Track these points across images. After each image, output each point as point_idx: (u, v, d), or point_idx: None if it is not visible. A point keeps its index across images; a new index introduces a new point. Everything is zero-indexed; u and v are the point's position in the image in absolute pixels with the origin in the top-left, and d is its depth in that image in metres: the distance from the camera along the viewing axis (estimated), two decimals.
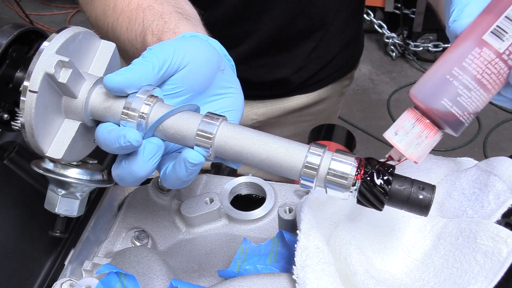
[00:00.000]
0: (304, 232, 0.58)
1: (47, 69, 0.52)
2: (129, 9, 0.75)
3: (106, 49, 0.62)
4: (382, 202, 0.51)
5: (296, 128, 1.26)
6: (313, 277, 0.54)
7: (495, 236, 0.53)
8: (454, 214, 0.61)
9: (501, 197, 0.57)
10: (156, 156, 0.55)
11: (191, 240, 0.74)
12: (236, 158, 0.55)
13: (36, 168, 0.62)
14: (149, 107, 0.54)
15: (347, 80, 1.28)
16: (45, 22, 3.37)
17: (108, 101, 0.56)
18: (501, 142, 2.56)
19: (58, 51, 0.54)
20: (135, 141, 0.52)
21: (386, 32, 2.99)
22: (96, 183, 0.64)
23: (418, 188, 0.51)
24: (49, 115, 0.56)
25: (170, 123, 0.54)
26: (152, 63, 0.55)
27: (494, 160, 0.61)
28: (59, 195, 0.64)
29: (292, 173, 0.53)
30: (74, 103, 0.56)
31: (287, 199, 0.78)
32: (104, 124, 0.56)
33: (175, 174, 0.55)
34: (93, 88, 0.56)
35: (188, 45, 0.59)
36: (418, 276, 0.58)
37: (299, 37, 1.10)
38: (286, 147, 0.53)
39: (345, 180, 0.51)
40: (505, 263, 0.51)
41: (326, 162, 0.52)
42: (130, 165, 0.54)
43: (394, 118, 2.65)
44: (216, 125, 0.54)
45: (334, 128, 1.12)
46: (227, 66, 0.65)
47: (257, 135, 0.55)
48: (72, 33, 0.56)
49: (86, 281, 0.62)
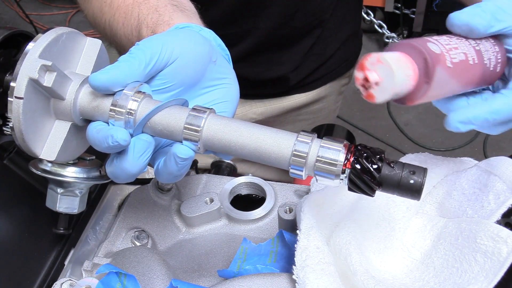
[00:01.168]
0: (304, 232, 0.58)
1: (30, 74, 0.52)
2: (125, 4, 0.76)
3: (92, 47, 0.61)
4: (373, 189, 0.51)
5: (295, 127, 1.26)
6: (313, 277, 0.54)
7: (495, 236, 0.53)
8: (454, 214, 0.61)
9: (501, 197, 0.57)
10: (146, 153, 0.55)
11: (191, 240, 0.74)
12: (225, 150, 0.54)
13: (34, 169, 0.62)
14: (137, 103, 0.54)
15: (345, 78, 1.28)
16: (45, 22, 3.36)
17: (95, 100, 0.55)
18: (501, 142, 2.56)
19: (41, 55, 0.53)
20: (122, 141, 0.52)
21: (386, 32, 2.99)
22: (93, 180, 0.64)
23: (408, 173, 0.50)
24: (39, 118, 0.56)
25: (158, 119, 0.54)
26: (138, 59, 0.55)
27: (494, 160, 0.61)
28: (58, 193, 0.64)
29: (281, 163, 0.53)
30: (62, 105, 0.56)
31: (287, 199, 0.78)
32: (94, 123, 0.56)
33: (166, 169, 0.55)
34: (80, 88, 0.56)
35: (177, 38, 0.59)
36: (418, 276, 0.58)
37: (297, 34, 1.10)
38: (274, 137, 0.53)
39: (334, 167, 0.51)
40: (505, 263, 0.51)
41: (315, 150, 0.51)
42: (121, 163, 0.54)
43: (394, 118, 2.67)
44: (203, 117, 0.53)
45: (334, 128, 1.12)
46: (220, 56, 0.64)
47: (245, 127, 0.54)
48: (54, 35, 0.55)
49: (86, 281, 0.62)
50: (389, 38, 3.01)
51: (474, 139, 2.54)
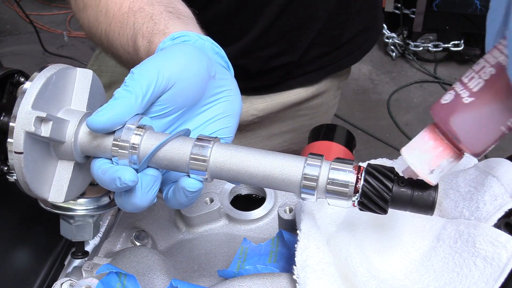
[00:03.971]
0: (304, 232, 0.58)
1: (26, 128, 0.51)
2: (121, 13, 0.74)
3: (83, 78, 0.59)
4: (384, 209, 0.51)
5: (295, 122, 1.27)
6: (314, 277, 0.54)
7: (494, 241, 0.53)
8: (451, 214, 0.61)
9: (498, 199, 0.57)
10: (154, 187, 0.54)
11: (191, 240, 0.75)
12: (234, 179, 0.54)
13: (43, 206, 0.61)
14: (139, 137, 0.53)
15: (345, 74, 1.28)
16: (45, 22, 3.36)
17: (96, 139, 0.54)
18: (501, 142, 2.54)
19: (34, 106, 0.51)
20: (130, 182, 0.51)
21: (386, 32, 2.99)
22: (104, 208, 0.63)
23: (420, 189, 0.50)
24: (41, 164, 0.55)
25: (162, 154, 0.53)
26: (135, 94, 0.53)
27: (493, 161, 0.61)
28: (72, 224, 0.64)
29: (291, 188, 0.52)
30: (63, 147, 0.55)
31: (287, 199, 0.78)
32: (97, 162, 0.54)
33: (176, 200, 0.55)
34: (78, 128, 0.55)
35: (173, 61, 0.56)
36: (418, 278, 0.58)
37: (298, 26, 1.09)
38: (282, 163, 0.52)
39: (346, 188, 0.50)
40: (505, 269, 0.51)
41: (325, 172, 0.51)
42: (130, 198, 0.53)
43: (394, 118, 2.67)
44: (209, 147, 0.53)
45: (334, 128, 1.12)
46: (219, 67, 0.62)
47: (252, 155, 0.53)
48: (44, 79, 0.53)
49: (86, 281, 0.62)
50: (389, 38, 3.02)
51: None
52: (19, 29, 3.32)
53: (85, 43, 3.07)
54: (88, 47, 3.01)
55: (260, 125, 1.22)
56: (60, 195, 0.57)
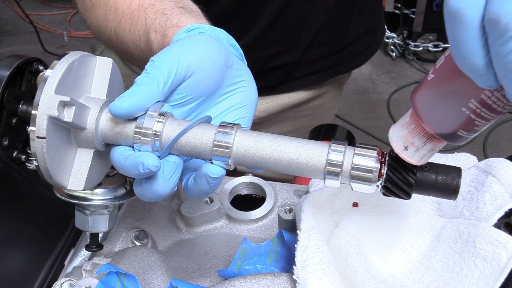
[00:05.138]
0: (304, 232, 0.58)
1: (50, 112, 0.51)
2: (131, 10, 0.75)
3: (104, 66, 0.59)
4: (409, 193, 0.51)
5: (295, 123, 1.27)
6: (314, 277, 0.54)
7: (494, 241, 0.53)
8: (451, 214, 0.61)
9: (499, 199, 0.57)
10: (175, 174, 0.54)
11: (191, 240, 0.75)
12: (257, 165, 0.54)
13: (59, 195, 0.61)
14: (162, 124, 0.53)
15: (346, 75, 1.28)
16: (45, 22, 3.37)
17: (117, 126, 0.54)
18: (501, 142, 2.56)
19: (57, 90, 0.52)
20: (154, 167, 0.51)
21: (386, 32, 2.99)
22: (121, 198, 0.63)
23: (443, 173, 0.50)
24: (62, 151, 0.55)
25: (185, 140, 0.53)
26: (156, 81, 0.53)
27: (494, 161, 0.61)
28: (87, 215, 0.63)
29: (315, 174, 0.53)
30: (84, 134, 0.55)
31: (287, 199, 0.78)
32: (118, 149, 0.54)
33: (197, 187, 0.55)
34: (99, 115, 0.55)
35: (192, 49, 0.57)
36: (418, 278, 0.58)
37: (298, 24, 1.09)
38: (306, 149, 0.52)
39: (371, 173, 0.50)
40: (505, 269, 0.51)
41: (349, 158, 0.51)
42: (151, 185, 0.53)
43: (394, 118, 2.66)
44: (232, 133, 0.53)
45: (334, 128, 1.12)
46: (235, 58, 0.63)
47: (275, 141, 0.53)
48: (66, 65, 0.54)
49: (86, 281, 0.62)
50: (389, 38, 3.02)
51: (474, 139, 2.54)
52: (19, 29, 3.32)
53: (85, 43, 3.07)
54: (88, 47, 3.00)
55: (261, 126, 1.22)
56: (80, 183, 0.57)
